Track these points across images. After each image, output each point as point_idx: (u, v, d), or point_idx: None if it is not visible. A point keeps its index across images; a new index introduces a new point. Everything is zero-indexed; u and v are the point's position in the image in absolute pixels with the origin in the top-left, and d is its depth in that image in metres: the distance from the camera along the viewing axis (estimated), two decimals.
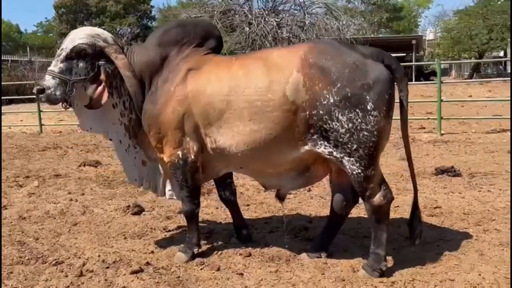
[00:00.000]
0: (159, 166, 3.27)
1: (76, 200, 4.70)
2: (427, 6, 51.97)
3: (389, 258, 2.92)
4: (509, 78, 19.69)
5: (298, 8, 20.26)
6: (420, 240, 2.91)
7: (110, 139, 3.35)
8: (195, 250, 3.16)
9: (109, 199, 4.78)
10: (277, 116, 2.72)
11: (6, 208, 4.47)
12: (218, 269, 2.97)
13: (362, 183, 2.71)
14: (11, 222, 4.03)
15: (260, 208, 4.30)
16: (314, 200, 4.50)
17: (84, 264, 3.07)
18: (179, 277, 2.89)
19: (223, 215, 4.07)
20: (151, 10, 41.11)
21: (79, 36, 3.06)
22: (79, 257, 3.22)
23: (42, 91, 2.99)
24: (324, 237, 3.13)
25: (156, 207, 4.38)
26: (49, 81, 3.01)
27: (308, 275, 2.83)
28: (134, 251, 3.34)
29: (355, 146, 2.65)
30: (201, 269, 3.01)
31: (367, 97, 2.60)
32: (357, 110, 2.61)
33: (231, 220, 3.55)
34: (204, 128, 2.95)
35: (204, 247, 3.31)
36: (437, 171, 5.36)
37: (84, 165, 6.48)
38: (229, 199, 3.42)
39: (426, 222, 3.55)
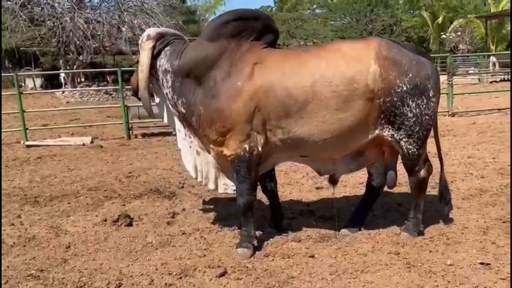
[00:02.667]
0: (211, 159, 3.24)
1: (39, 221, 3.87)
2: (213, 12, 55.72)
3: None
4: None
5: (114, 5, 19.34)
6: (448, 204, 3.55)
7: (173, 129, 3.47)
8: (255, 243, 3.19)
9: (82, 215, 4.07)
10: (360, 104, 3.01)
11: None
12: (289, 257, 3.09)
13: (415, 160, 3.19)
14: None
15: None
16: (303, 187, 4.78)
17: (152, 281, 2.76)
18: (266, 270, 2.91)
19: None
20: None
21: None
22: (131, 276, 2.85)
23: None
24: (360, 212, 3.56)
25: (142, 216, 3.99)
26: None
27: (367, 246, 3.23)
28: (180, 258, 3.11)
29: (417, 128, 3.09)
30: (272, 260, 3.07)
31: (429, 85, 3.08)
32: (422, 97, 3.06)
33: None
34: (277, 120, 3.02)
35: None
36: None
37: None
38: (273, 190, 3.52)
39: None
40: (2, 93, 9.78)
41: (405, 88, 3.03)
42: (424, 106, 3.09)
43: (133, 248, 3.32)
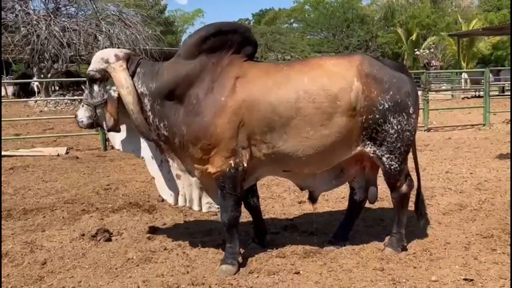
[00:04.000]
0: (194, 180, 3.14)
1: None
2: (192, 23, 55.78)
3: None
4: None
5: (91, 13, 19.09)
6: (423, 219, 3.60)
7: (142, 157, 3.22)
8: (240, 259, 3.14)
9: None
10: (343, 120, 3.02)
11: None
12: (274, 274, 3.04)
13: (396, 176, 3.23)
14: None
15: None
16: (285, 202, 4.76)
17: None
18: (251, 287, 2.86)
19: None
20: None
21: (91, 62, 3.15)
22: None
23: (76, 118, 3.22)
24: (343, 227, 3.55)
25: (122, 231, 3.87)
26: (79, 109, 3.24)
27: (352, 262, 3.21)
28: (162, 275, 3.03)
29: (399, 144, 3.14)
30: (257, 277, 3.02)
31: (409, 102, 3.13)
32: (403, 113, 3.11)
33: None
34: (261, 135, 3.00)
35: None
36: None
37: None
38: (256, 205, 3.47)
39: None
40: None
41: (386, 106, 3.07)
42: (405, 122, 3.13)
43: (113, 264, 3.21)
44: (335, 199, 4.71)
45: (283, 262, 3.20)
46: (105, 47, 18.44)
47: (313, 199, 3.46)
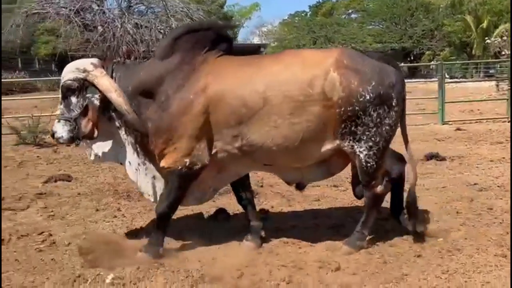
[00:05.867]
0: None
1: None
2: (249, 16, 56.16)
3: None
4: None
5: (161, 10, 19.87)
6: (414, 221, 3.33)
7: (121, 163, 3.35)
8: (160, 250, 3.17)
9: None
10: (316, 110, 2.94)
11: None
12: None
13: (372, 174, 3.07)
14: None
15: None
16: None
17: None
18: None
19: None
20: None
21: (64, 74, 3.16)
22: None
23: (53, 136, 3.20)
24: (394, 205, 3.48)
25: (235, 211, 4.13)
26: (55, 125, 3.19)
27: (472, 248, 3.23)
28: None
29: (377, 139, 2.99)
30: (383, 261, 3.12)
31: (392, 94, 3.00)
32: (385, 106, 2.97)
33: None
34: (229, 128, 3.00)
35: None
36: None
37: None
38: (250, 201, 3.46)
39: None
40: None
41: (368, 97, 2.96)
42: (385, 115, 3.00)
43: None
44: (435, 188, 4.72)
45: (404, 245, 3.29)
46: None
47: (300, 187, 3.40)
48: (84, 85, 3.12)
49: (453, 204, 4.18)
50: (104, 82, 3.09)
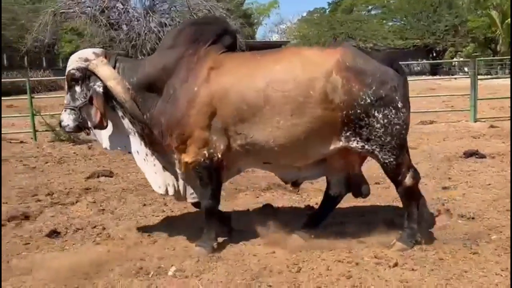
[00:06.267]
0: (177, 169, 3.27)
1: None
2: (268, 14, 56.02)
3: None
4: None
5: (184, 8, 20.04)
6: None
7: (129, 152, 3.33)
8: (214, 244, 3.24)
9: None
10: (317, 112, 2.94)
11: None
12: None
13: (395, 170, 3.08)
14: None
15: None
16: None
17: None
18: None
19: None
20: None
21: (68, 64, 3.21)
22: None
23: (60, 124, 3.28)
24: (316, 219, 3.51)
25: (279, 207, 4.17)
26: (62, 114, 3.25)
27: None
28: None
29: (388, 139, 2.99)
30: (439, 258, 3.10)
31: (396, 97, 2.97)
32: (390, 107, 2.96)
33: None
34: (234, 125, 3.03)
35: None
36: None
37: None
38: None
39: None
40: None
41: (369, 100, 2.94)
42: (393, 116, 2.99)
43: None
44: (480, 185, 4.68)
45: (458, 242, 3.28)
46: None
47: (296, 184, 3.44)
48: (86, 74, 3.15)
49: (501, 201, 4.14)
50: (104, 69, 3.11)
